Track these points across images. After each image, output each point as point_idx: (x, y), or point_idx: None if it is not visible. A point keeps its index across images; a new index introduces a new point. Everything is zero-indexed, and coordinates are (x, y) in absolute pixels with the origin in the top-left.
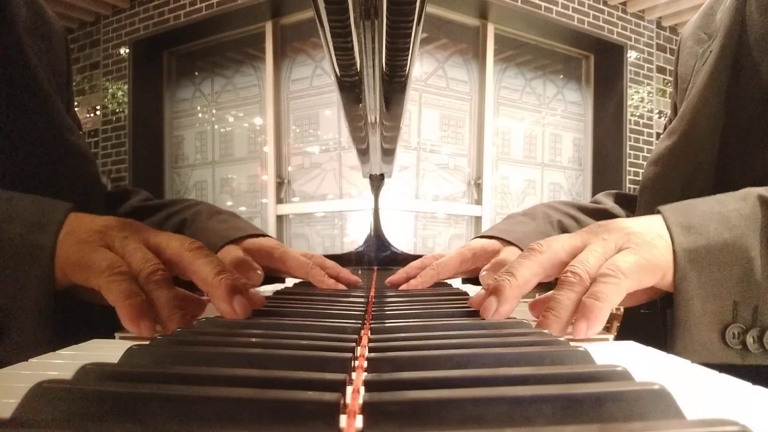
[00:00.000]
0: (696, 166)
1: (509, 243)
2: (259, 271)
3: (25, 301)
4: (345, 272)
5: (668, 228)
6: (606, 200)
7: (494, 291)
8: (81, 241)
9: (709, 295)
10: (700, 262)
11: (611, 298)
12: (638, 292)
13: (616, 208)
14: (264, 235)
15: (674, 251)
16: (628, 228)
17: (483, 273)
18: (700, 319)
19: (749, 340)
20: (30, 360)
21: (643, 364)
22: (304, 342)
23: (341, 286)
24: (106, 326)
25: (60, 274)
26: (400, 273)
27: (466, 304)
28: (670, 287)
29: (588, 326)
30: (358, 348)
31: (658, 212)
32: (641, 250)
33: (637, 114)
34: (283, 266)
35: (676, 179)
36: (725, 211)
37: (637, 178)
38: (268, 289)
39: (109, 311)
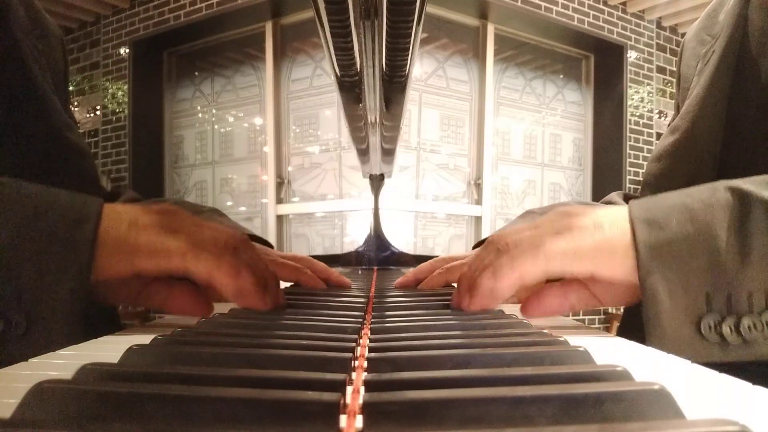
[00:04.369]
0: (698, 162)
1: None
2: None
3: (57, 299)
4: (335, 274)
5: (631, 223)
6: (619, 200)
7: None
8: (145, 227)
9: (677, 288)
10: (664, 257)
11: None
12: (618, 292)
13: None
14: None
15: (636, 248)
16: (572, 213)
17: None
18: (670, 314)
19: (726, 330)
20: (30, 360)
21: (643, 364)
22: (304, 342)
23: (340, 285)
24: (107, 326)
25: (127, 263)
26: (408, 275)
27: None
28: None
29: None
30: (358, 348)
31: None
32: (571, 236)
33: (637, 114)
34: None
35: (678, 175)
36: (689, 202)
37: (637, 178)
38: None
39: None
